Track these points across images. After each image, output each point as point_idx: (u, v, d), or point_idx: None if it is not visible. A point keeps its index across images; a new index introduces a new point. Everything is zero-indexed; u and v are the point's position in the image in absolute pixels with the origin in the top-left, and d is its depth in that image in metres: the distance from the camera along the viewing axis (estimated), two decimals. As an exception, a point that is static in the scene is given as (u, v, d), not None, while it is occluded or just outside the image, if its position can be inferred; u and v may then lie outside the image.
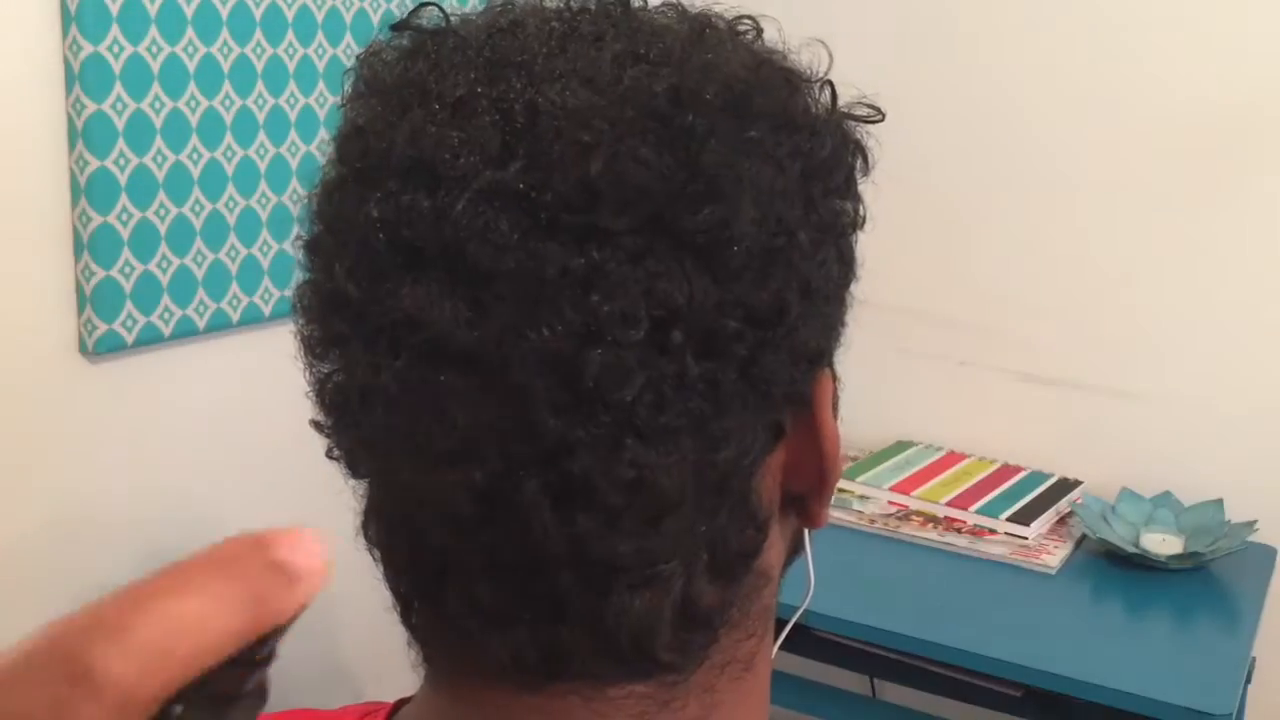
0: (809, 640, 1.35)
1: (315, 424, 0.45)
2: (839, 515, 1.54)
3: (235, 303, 1.19)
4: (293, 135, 1.23)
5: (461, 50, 0.42)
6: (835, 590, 1.27)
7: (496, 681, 0.44)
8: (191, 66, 1.12)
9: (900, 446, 1.74)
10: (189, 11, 1.11)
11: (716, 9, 0.46)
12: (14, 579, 1.05)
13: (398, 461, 0.42)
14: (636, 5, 0.44)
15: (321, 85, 1.25)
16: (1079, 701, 1.22)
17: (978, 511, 1.53)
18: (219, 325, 1.18)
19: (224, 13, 1.14)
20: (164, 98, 1.10)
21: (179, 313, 1.14)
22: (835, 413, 0.47)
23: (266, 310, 1.23)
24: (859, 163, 0.47)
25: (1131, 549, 1.45)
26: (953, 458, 1.71)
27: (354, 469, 0.45)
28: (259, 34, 1.18)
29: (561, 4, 0.44)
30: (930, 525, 1.53)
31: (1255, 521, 1.47)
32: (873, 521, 1.54)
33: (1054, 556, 1.46)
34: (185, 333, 1.15)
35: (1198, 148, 1.55)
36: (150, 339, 1.12)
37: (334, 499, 0.49)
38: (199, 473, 1.20)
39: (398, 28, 0.45)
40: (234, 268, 1.19)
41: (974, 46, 1.66)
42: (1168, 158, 1.57)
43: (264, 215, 1.21)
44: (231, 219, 1.18)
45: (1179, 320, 1.60)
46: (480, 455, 0.40)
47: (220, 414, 1.22)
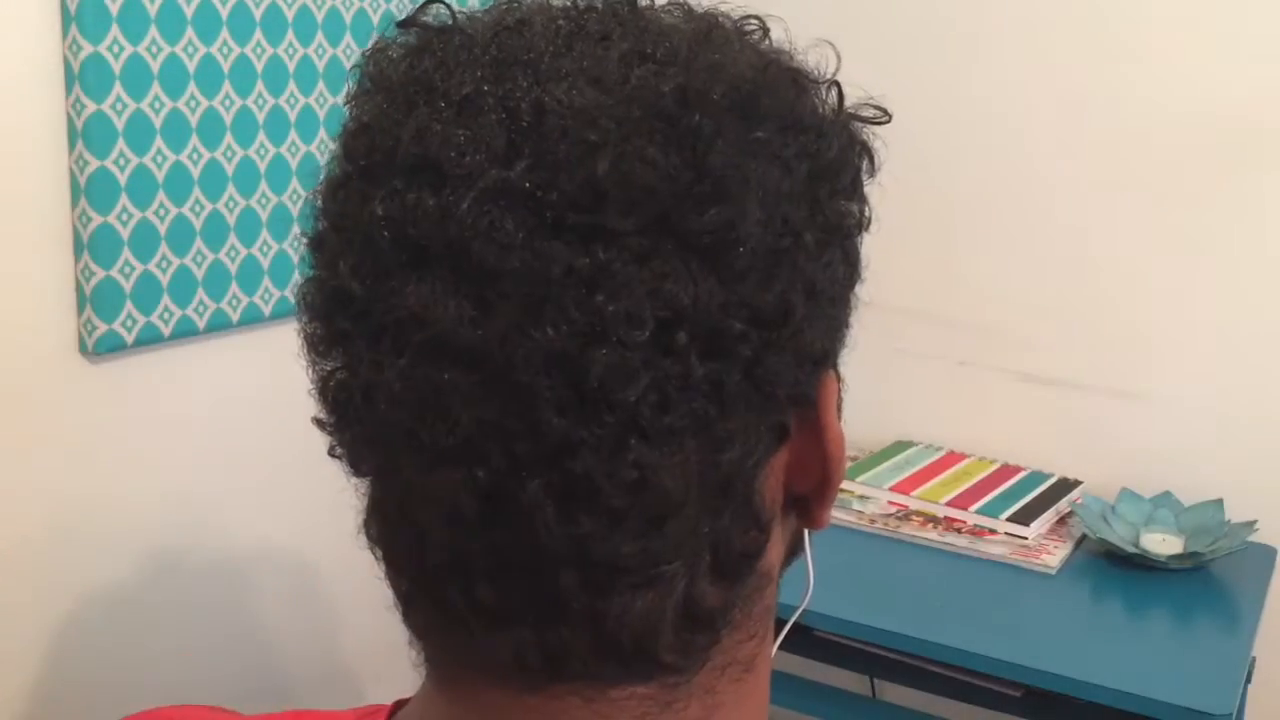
0: (809, 640, 1.35)
1: (318, 421, 0.45)
2: (839, 515, 1.54)
3: (235, 303, 1.19)
4: (293, 135, 1.22)
5: (468, 48, 0.42)
6: (835, 590, 1.27)
7: (497, 681, 0.44)
8: (191, 66, 1.12)
9: (900, 446, 1.74)
10: (189, 11, 1.11)
11: (723, 9, 0.46)
12: (14, 579, 1.04)
13: (400, 460, 0.42)
14: (643, 4, 0.44)
15: (321, 85, 1.25)
16: (1079, 701, 1.22)
17: (978, 511, 1.53)
18: (219, 325, 1.18)
19: (224, 13, 1.14)
20: (164, 98, 1.10)
21: (179, 313, 1.14)
22: (839, 414, 0.47)
23: (266, 310, 1.23)
24: (865, 164, 0.47)
25: (1131, 549, 1.45)
26: (952, 458, 1.71)
27: (356, 467, 0.45)
28: (259, 34, 1.18)
29: (568, 2, 0.44)
30: (930, 525, 1.53)
31: (1255, 521, 1.47)
32: (873, 521, 1.54)
33: (1054, 556, 1.46)
34: (185, 333, 1.15)
35: (1197, 148, 1.55)
36: (150, 339, 1.12)
37: (335, 498, 0.49)
38: (199, 473, 1.20)
39: (404, 24, 0.45)
40: (234, 268, 1.19)
41: (973, 46, 1.66)
42: (1167, 157, 1.57)
43: (264, 215, 1.21)
44: (231, 219, 1.18)
45: (1179, 320, 1.60)
46: (483, 454, 0.40)
47: (220, 414, 1.22)
